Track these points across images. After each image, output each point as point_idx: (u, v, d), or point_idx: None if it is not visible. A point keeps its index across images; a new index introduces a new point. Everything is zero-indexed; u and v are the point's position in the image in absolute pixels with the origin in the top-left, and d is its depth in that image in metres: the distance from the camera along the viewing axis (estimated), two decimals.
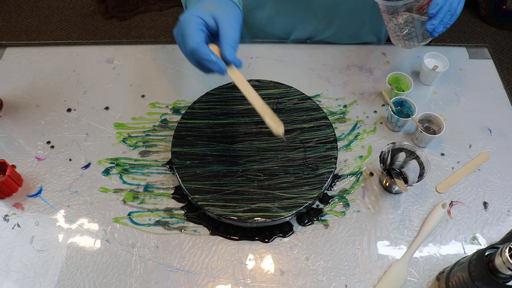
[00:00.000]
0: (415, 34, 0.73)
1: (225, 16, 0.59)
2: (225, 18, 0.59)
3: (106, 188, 0.75)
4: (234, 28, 0.59)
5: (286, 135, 0.76)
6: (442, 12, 0.66)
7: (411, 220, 0.71)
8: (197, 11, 0.59)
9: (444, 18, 0.67)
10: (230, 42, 0.58)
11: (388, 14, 0.71)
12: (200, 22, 0.58)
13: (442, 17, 0.67)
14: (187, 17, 0.59)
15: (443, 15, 0.67)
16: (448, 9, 0.67)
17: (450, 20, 0.68)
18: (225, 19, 0.59)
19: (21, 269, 0.67)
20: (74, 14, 2.21)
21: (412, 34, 0.73)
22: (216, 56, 0.58)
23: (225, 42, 0.58)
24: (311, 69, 0.91)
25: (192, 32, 0.57)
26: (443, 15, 0.67)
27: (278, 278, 0.66)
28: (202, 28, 0.59)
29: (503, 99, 0.87)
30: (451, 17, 0.68)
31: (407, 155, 0.72)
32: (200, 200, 0.68)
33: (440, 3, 0.66)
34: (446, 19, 0.67)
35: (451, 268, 0.61)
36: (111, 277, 0.66)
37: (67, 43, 0.97)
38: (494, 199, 0.74)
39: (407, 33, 0.73)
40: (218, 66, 0.58)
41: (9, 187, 0.73)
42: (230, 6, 0.62)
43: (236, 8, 0.62)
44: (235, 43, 0.59)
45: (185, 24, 0.58)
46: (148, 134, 0.81)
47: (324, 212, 0.72)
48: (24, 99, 0.86)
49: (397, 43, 0.76)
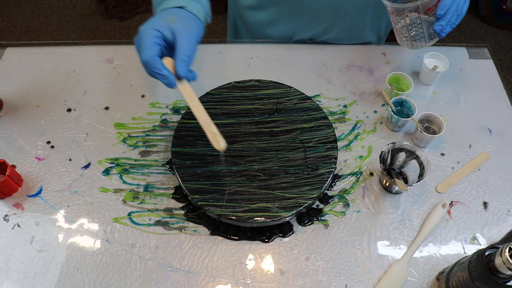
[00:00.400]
0: (423, 35, 0.73)
1: (183, 31, 0.60)
2: (183, 33, 0.60)
3: (106, 188, 0.75)
4: (190, 43, 0.61)
5: (286, 135, 0.76)
6: (450, 13, 0.67)
7: (411, 220, 0.71)
8: (157, 24, 0.61)
9: (451, 18, 0.68)
10: (183, 58, 0.60)
11: (396, 15, 0.71)
12: (157, 35, 0.60)
13: (450, 18, 0.67)
14: (146, 29, 0.60)
15: (450, 15, 0.67)
16: (455, 9, 0.67)
17: (457, 20, 0.69)
18: (182, 34, 0.60)
19: (21, 269, 0.67)
20: (74, 14, 2.21)
21: (420, 35, 0.73)
22: (167, 71, 0.60)
23: (178, 58, 0.60)
24: (311, 69, 0.91)
25: (147, 45, 0.59)
26: (450, 15, 0.67)
27: (278, 278, 0.66)
28: (158, 41, 0.60)
29: (503, 99, 0.87)
30: (457, 17, 0.68)
31: (407, 155, 0.72)
32: (200, 200, 0.68)
33: (448, 4, 0.66)
34: (453, 19, 0.68)
35: (451, 268, 0.61)
36: (111, 277, 0.66)
37: (67, 43, 0.97)
38: (494, 199, 0.74)
39: (414, 34, 0.73)
40: (168, 80, 0.60)
41: (9, 187, 0.73)
42: (191, 21, 0.63)
43: (198, 23, 0.64)
44: (188, 58, 0.61)
45: (142, 36, 0.60)
46: (148, 134, 0.81)
47: (324, 212, 0.72)
48: (24, 99, 0.86)
49: (404, 44, 0.77)
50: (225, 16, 1.13)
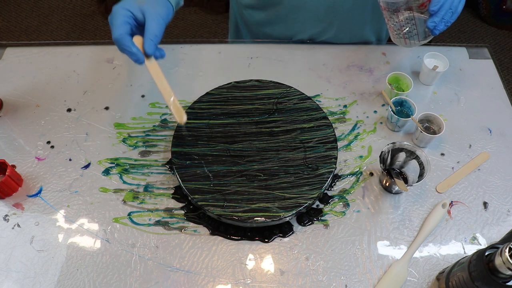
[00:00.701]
0: (416, 32, 0.72)
1: (152, 11, 0.64)
2: (152, 13, 0.64)
3: (106, 188, 0.75)
4: (158, 23, 0.65)
5: (286, 135, 0.76)
6: (443, 9, 0.66)
7: (411, 220, 0.71)
8: (128, 4, 0.65)
9: (445, 15, 0.67)
10: (151, 37, 0.64)
11: (388, 12, 0.71)
12: (127, 15, 0.65)
13: (444, 15, 0.67)
14: (118, 9, 0.66)
15: (444, 12, 0.67)
16: (449, 6, 0.67)
17: (451, 18, 0.68)
18: (151, 14, 0.64)
19: (21, 269, 0.67)
20: (74, 14, 2.21)
21: (413, 32, 0.72)
22: (136, 48, 0.64)
23: (146, 37, 0.64)
24: (311, 69, 0.91)
25: (118, 23, 0.64)
26: (444, 12, 0.67)
27: (278, 278, 0.66)
28: (129, 21, 0.65)
29: (503, 99, 0.87)
30: (452, 15, 0.68)
31: (407, 155, 0.72)
32: (200, 200, 0.68)
33: (442, 0, 0.66)
34: (447, 16, 0.68)
35: (451, 268, 0.61)
36: (111, 277, 0.66)
37: (67, 43, 0.97)
38: (494, 199, 0.74)
39: (407, 31, 0.73)
40: (136, 57, 0.64)
41: (9, 187, 0.73)
42: (161, 3, 0.67)
43: (167, 5, 0.68)
44: (156, 38, 0.65)
45: (114, 15, 0.65)
46: (148, 134, 0.81)
47: (324, 212, 0.72)
48: (24, 99, 0.86)
49: (397, 42, 0.76)
50: (225, 16, 1.13)
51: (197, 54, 0.94)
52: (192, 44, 0.95)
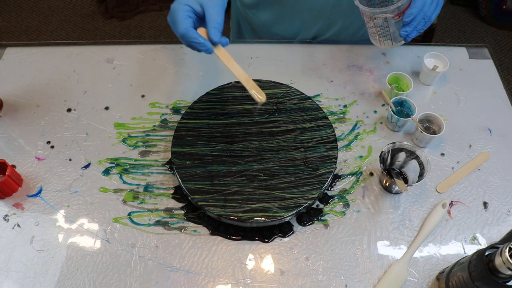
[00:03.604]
0: (390, 37, 0.76)
1: (210, 2, 0.66)
2: (210, 3, 0.66)
3: (106, 188, 0.75)
4: (218, 11, 0.66)
5: (286, 135, 0.76)
6: (416, 20, 0.69)
7: (411, 220, 0.71)
8: None
9: (418, 25, 0.70)
10: (215, 25, 0.66)
11: (366, 16, 0.74)
12: (187, 9, 0.66)
13: (416, 25, 0.70)
14: (176, 5, 0.66)
15: (417, 23, 0.70)
16: (422, 17, 0.70)
17: (424, 26, 0.71)
18: (210, 4, 0.66)
19: (21, 269, 0.67)
20: (74, 14, 2.21)
21: (387, 36, 0.76)
22: (203, 38, 0.66)
23: (210, 26, 0.66)
24: (311, 69, 0.91)
25: (180, 19, 0.65)
26: (417, 23, 0.70)
27: (278, 278, 0.66)
28: (190, 15, 0.66)
29: (503, 99, 0.87)
30: (424, 23, 0.71)
31: (407, 155, 0.72)
32: (200, 200, 0.68)
33: (415, 12, 0.69)
34: (419, 26, 0.71)
35: (451, 268, 0.61)
36: (111, 277, 0.66)
37: (67, 43, 0.97)
38: (494, 199, 0.74)
39: (382, 34, 0.76)
40: (206, 46, 0.66)
41: (9, 187, 0.73)
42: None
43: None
44: (219, 25, 0.66)
45: (174, 12, 0.66)
46: (148, 134, 0.81)
47: (324, 212, 0.72)
48: (24, 99, 0.86)
49: (374, 42, 0.80)
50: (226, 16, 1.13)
51: (197, 54, 0.93)
52: None
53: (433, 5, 0.70)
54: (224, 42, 0.68)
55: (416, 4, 0.68)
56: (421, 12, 0.69)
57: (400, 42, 0.76)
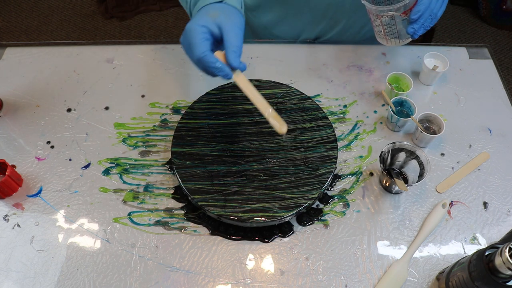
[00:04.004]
0: (397, 35, 0.76)
1: (228, 23, 0.62)
2: (229, 25, 0.62)
3: (106, 188, 0.75)
4: (237, 34, 0.62)
5: (286, 135, 0.76)
6: (423, 17, 0.70)
7: (411, 220, 0.71)
8: (202, 20, 0.62)
9: (424, 22, 0.70)
10: (234, 49, 0.61)
11: (373, 15, 0.74)
12: (205, 31, 0.61)
13: (423, 22, 0.70)
14: (193, 26, 0.62)
15: (424, 20, 0.70)
16: (429, 14, 0.70)
17: (431, 23, 0.71)
18: (228, 26, 0.62)
19: (21, 269, 0.67)
20: (74, 14, 2.21)
21: (394, 34, 0.76)
22: (221, 63, 0.62)
23: (229, 49, 0.61)
24: (311, 69, 0.91)
25: (198, 42, 0.60)
26: (424, 20, 0.70)
27: (278, 278, 0.66)
28: (207, 37, 0.62)
29: (503, 99, 0.87)
30: (431, 20, 0.71)
31: (407, 155, 0.72)
32: (200, 200, 0.68)
33: (422, 9, 0.69)
34: (426, 23, 0.71)
35: (451, 268, 0.61)
36: (111, 277, 0.66)
37: (67, 43, 0.97)
38: (494, 199, 0.74)
39: (389, 32, 0.76)
40: (224, 72, 0.62)
41: (9, 187, 0.73)
42: (233, 13, 0.64)
43: (238, 14, 0.65)
44: (238, 49, 0.62)
45: (191, 34, 0.61)
46: (148, 134, 0.81)
47: (324, 212, 0.72)
48: (24, 99, 0.86)
49: (380, 40, 0.80)
50: None
51: None
52: None
53: (439, 2, 0.71)
54: (242, 67, 0.64)
55: (423, 1, 0.68)
56: (428, 9, 0.69)
57: (407, 39, 0.76)
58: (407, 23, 0.72)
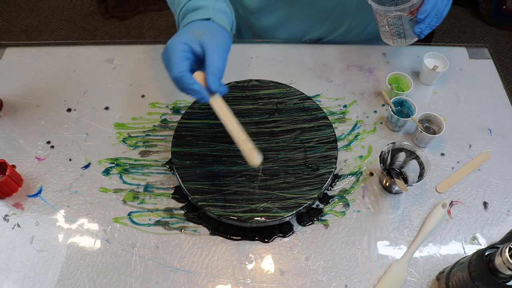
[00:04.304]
0: (403, 35, 0.76)
1: (212, 43, 0.59)
2: (212, 45, 0.59)
3: (106, 188, 0.75)
4: (219, 55, 0.59)
5: (286, 135, 0.76)
6: (429, 17, 0.70)
7: (411, 220, 0.71)
8: (184, 37, 0.59)
9: (431, 22, 0.71)
10: (215, 71, 0.58)
11: (379, 15, 0.74)
12: (186, 49, 0.58)
13: (430, 21, 0.71)
14: (174, 43, 0.58)
15: (430, 19, 0.70)
16: (435, 13, 0.70)
17: (437, 22, 0.72)
18: (211, 47, 0.59)
19: (21, 269, 0.67)
20: (74, 14, 2.21)
21: (401, 34, 0.76)
22: (199, 85, 0.58)
23: (209, 72, 0.58)
24: (311, 69, 0.91)
25: (176, 60, 0.57)
26: (430, 19, 0.70)
27: (278, 278, 0.66)
28: (188, 56, 0.59)
29: (503, 99, 0.87)
30: (437, 20, 0.72)
31: (407, 155, 0.72)
32: (200, 200, 0.68)
33: (429, 9, 0.69)
34: (433, 22, 0.71)
35: (451, 268, 0.61)
36: (111, 277, 0.66)
37: (67, 43, 0.97)
38: (494, 199, 0.74)
39: (395, 32, 0.76)
40: (201, 95, 0.58)
41: (9, 187, 0.73)
42: (219, 33, 0.61)
43: (225, 35, 0.62)
44: (219, 72, 0.59)
45: (171, 51, 0.58)
46: (148, 134, 0.81)
47: (324, 212, 0.72)
48: (24, 99, 0.86)
49: (386, 40, 0.80)
50: None
51: None
52: None
53: (445, 1, 0.71)
54: (222, 90, 0.61)
55: (430, 1, 0.68)
56: (434, 8, 0.69)
57: (413, 39, 0.76)
58: (413, 23, 0.72)
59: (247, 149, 0.61)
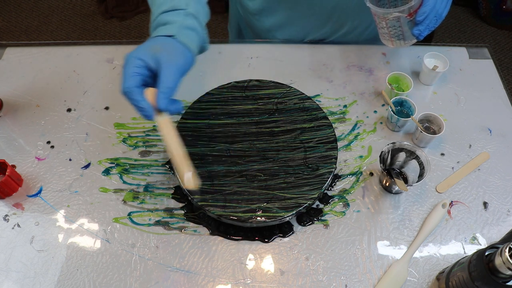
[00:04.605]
0: (402, 37, 0.76)
1: (167, 62, 0.58)
2: (167, 64, 0.58)
3: (106, 188, 0.75)
4: (172, 74, 0.58)
5: (286, 135, 0.76)
6: (428, 19, 0.70)
7: (411, 220, 0.71)
8: (142, 53, 0.58)
9: (430, 23, 0.71)
10: (164, 90, 0.57)
11: (378, 17, 0.74)
12: (139, 65, 0.57)
13: (428, 23, 0.70)
14: (129, 57, 0.58)
15: (429, 21, 0.70)
16: (434, 15, 0.70)
17: (436, 23, 0.72)
18: (166, 65, 0.58)
19: (21, 269, 0.67)
20: (74, 14, 2.21)
21: (400, 36, 0.76)
22: (146, 103, 0.57)
23: (159, 90, 0.57)
24: (311, 69, 0.91)
25: (128, 75, 0.57)
26: (429, 21, 0.70)
27: (278, 278, 0.66)
28: (141, 71, 0.58)
29: (503, 99, 0.87)
30: (436, 21, 0.71)
31: (407, 155, 0.72)
32: (200, 200, 0.68)
33: (427, 11, 0.69)
34: (432, 24, 0.71)
35: (451, 268, 0.61)
36: (111, 277, 0.66)
37: (67, 43, 0.97)
38: (494, 199, 0.74)
39: (393, 34, 0.76)
40: (146, 113, 0.57)
41: (9, 187, 0.73)
42: (177, 51, 0.60)
43: (186, 54, 0.61)
44: (170, 91, 0.58)
45: (126, 65, 0.58)
46: (148, 134, 0.81)
47: (324, 212, 0.72)
48: (24, 99, 0.86)
49: (385, 42, 0.80)
50: (224, 16, 1.12)
51: None
52: None
53: (444, 2, 0.71)
54: (173, 109, 0.59)
55: (429, 3, 0.68)
56: (433, 10, 0.69)
57: (412, 41, 0.76)
58: (412, 24, 0.72)
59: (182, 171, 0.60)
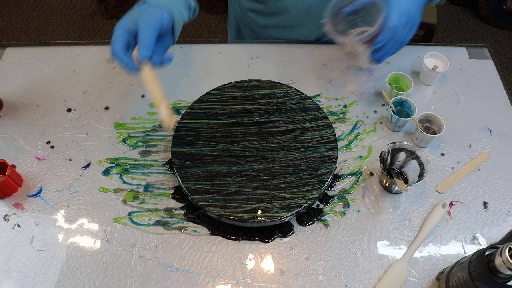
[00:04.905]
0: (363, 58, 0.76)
1: (141, 22, 0.66)
2: (142, 22, 0.66)
3: (106, 188, 0.75)
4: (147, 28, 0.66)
5: (286, 135, 0.76)
6: (386, 46, 0.69)
7: (411, 220, 0.71)
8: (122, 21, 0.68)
9: (390, 49, 0.69)
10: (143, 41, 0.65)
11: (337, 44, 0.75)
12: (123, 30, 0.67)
13: (388, 50, 0.69)
14: (115, 28, 0.68)
15: (388, 48, 0.69)
16: (394, 42, 0.68)
17: (398, 48, 0.70)
18: (141, 25, 0.66)
19: (21, 269, 0.67)
20: (74, 14, 2.21)
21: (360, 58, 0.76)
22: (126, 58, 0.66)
23: (138, 44, 0.66)
24: (311, 69, 0.91)
25: (113, 40, 0.67)
26: (388, 48, 0.69)
27: (278, 278, 0.66)
28: (124, 35, 0.67)
29: (503, 99, 0.87)
30: (398, 46, 0.70)
31: (407, 155, 0.72)
32: (200, 200, 0.68)
33: (385, 39, 0.67)
34: (392, 50, 0.70)
35: (451, 268, 0.61)
36: (111, 277, 0.66)
37: (67, 43, 0.97)
38: (494, 199, 0.74)
39: (355, 55, 0.76)
40: (129, 67, 0.66)
41: (9, 187, 0.73)
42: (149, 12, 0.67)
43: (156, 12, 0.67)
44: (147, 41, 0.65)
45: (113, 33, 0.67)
46: (148, 134, 0.81)
47: (324, 212, 0.72)
48: (24, 99, 0.86)
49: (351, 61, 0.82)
50: (224, 16, 1.12)
51: (197, 54, 0.94)
52: (192, 44, 0.95)
53: (407, 29, 0.68)
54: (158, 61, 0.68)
55: (387, 31, 0.66)
56: (392, 39, 0.67)
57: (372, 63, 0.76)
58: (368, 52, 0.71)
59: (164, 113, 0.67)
